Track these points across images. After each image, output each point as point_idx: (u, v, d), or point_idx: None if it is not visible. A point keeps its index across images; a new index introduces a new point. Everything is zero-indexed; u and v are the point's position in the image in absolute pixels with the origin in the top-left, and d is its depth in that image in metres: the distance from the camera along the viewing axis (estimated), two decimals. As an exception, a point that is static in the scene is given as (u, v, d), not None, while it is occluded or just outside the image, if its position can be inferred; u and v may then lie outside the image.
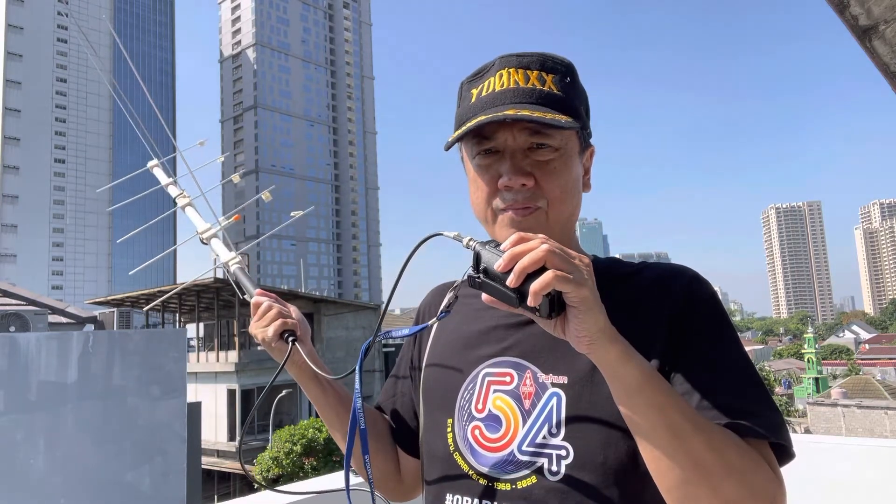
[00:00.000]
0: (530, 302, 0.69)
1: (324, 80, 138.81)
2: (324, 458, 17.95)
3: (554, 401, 0.88)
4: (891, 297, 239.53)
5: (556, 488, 0.85)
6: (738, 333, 0.92)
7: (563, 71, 0.94)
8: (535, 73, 0.93)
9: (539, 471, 0.86)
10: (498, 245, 0.74)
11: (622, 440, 0.82)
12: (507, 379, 0.93)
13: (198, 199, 1.52)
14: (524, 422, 0.89)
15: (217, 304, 26.63)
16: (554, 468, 0.85)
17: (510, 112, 0.87)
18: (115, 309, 29.23)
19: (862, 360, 65.46)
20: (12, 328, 14.39)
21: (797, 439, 3.17)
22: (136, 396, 1.87)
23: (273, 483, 16.85)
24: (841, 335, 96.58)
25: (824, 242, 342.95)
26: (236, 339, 25.45)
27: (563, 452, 0.85)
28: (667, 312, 0.88)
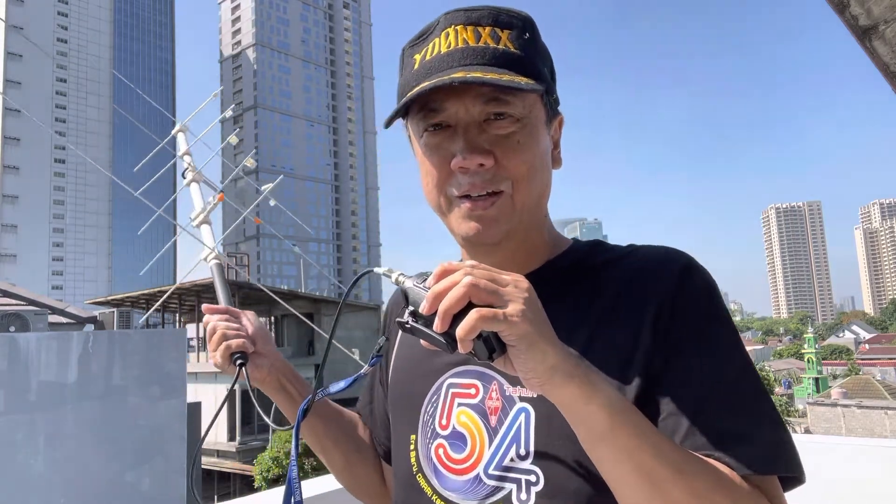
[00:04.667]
0: (461, 349, 0.60)
1: (324, 80, 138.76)
2: (324, 458, 17.94)
3: (522, 417, 0.77)
4: (891, 297, 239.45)
5: None
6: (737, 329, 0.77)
7: (520, 26, 0.80)
8: (488, 29, 0.78)
9: (507, 498, 0.76)
10: (426, 279, 0.65)
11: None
12: (472, 391, 0.82)
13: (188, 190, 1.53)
14: (490, 441, 0.79)
15: (217, 304, 26.63)
16: (523, 496, 0.75)
17: (458, 75, 0.73)
18: (115, 309, 29.23)
19: (862, 360, 65.41)
20: (12, 328, 14.39)
21: (797, 439, 3.18)
22: (136, 396, 1.87)
23: (273, 483, 16.86)
24: (841, 335, 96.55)
25: (824, 242, 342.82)
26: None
27: (533, 478, 0.75)
28: (652, 308, 0.75)
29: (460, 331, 0.58)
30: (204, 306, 1.07)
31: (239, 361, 0.97)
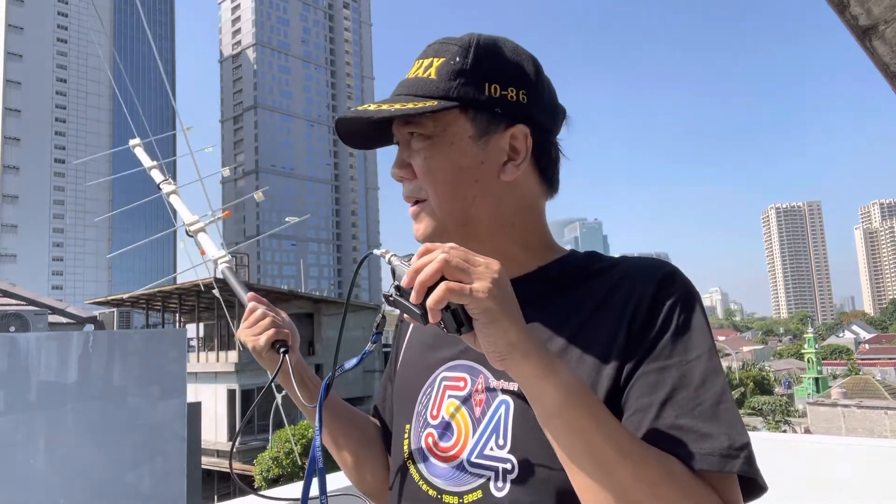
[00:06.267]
0: (430, 319, 0.66)
1: (324, 80, 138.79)
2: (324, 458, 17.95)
3: (503, 409, 0.82)
4: (891, 297, 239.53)
5: None
6: (713, 338, 0.81)
7: (453, 51, 0.86)
8: (427, 60, 0.88)
9: (486, 485, 0.80)
10: (411, 258, 0.71)
11: None
12: (461, 384, 0.89)
13: (190, 193, 1.52)
14: (474, 430, 0.84)
15: (217, 304, 26.62)
16: (500, 483, 0.79)
17: (372, 108, 0.86)
18: (115, 309, 29.22)
19: (862, 360, 65.43)
20: (12, 328, 14.39)
21: (797, 439, 3.17)
22: (136, 396, 1.87)
23: (273, 483, 16.87)
24: (841, 335, 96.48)
25: (824, 242, 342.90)
26: (236, 339, 25.41)
27: (509, 466, 0.79)
28: (630, 311, 0.79)
29: (430, 301, 0.65)
30: (251, 294, 1.13)
31: (283, 350, 1.03)
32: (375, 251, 0.80)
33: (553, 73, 0.96)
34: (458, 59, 0.86)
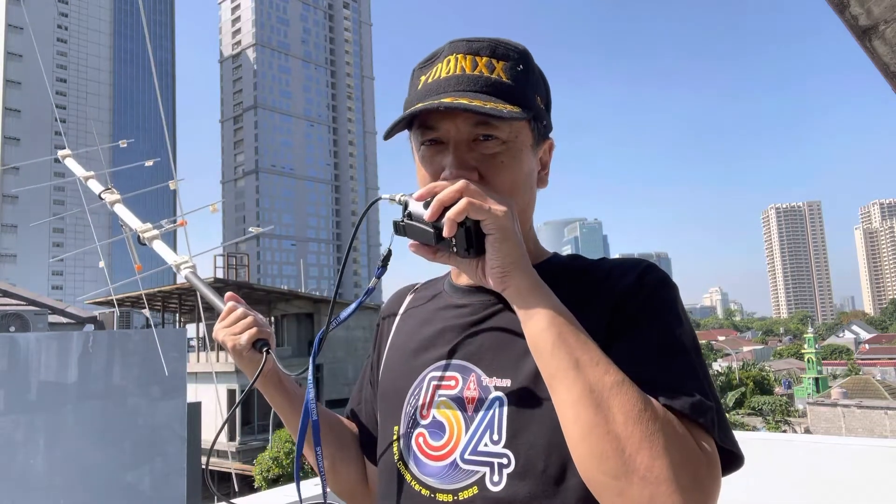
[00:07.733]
0: (446, 232, 0.70)
1: (324, 80, 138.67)
2: (324, 458, 17.95)
3: (496, 405, 0.83)
4: (891, 297, 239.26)
5: (497, 499, 0.79)
6: (692, 324, 0.86)
7: (515, 58, 0.88)
8: (485, 59, 0.86)
9: (481, 481, 0.81)
10: None
11: (564, 447, 0.74)
12: (452, 383, 0.89)
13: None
14: (467, 428, 0.85)
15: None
16: (496, 478, 0.80)
17: (447, 100, 0.81)
18: (115, 309, 29.20)
19: (862, 360, 65.35)
20: (12, 328, 14.38)
21: (797, 439, 3.17)
22: (136, 396, 1.87)
23: (273, 483, 16.86)
24: (841, 335, 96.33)
25: (824, 242, 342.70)
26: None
27: (505, 461, 0.81)
28: (614, 300, 0.84)
29: (451, 211, 0.70)
30: (229, 294, 1.11)
31: (266, 348, 1.02)
32: (383, 196, 0.84)
33: (553, 72, 0.97)
34: (521, 66, 0.88)
